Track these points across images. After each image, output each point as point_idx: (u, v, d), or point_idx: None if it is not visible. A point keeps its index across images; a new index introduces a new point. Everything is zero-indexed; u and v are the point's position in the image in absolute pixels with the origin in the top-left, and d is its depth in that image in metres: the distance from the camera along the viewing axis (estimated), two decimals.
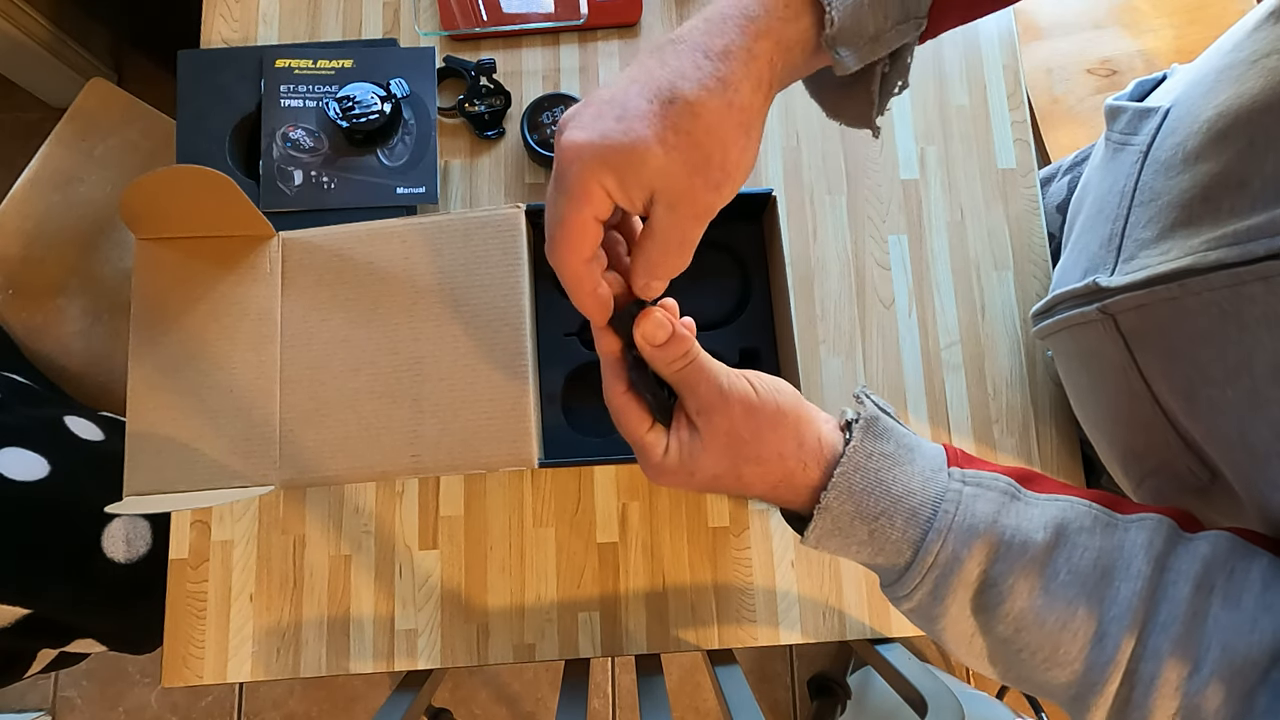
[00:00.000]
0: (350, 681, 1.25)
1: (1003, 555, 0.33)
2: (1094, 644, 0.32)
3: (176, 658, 0.58)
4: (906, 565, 0.35)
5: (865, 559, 0.37)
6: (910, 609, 0.36)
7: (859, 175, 0.66)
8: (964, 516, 0.34)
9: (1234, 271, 0.34)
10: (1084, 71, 1.00)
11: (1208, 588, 0.32)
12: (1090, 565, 0.33)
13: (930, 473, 0.35)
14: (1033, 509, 0.35)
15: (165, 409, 0.50)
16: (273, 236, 0.53)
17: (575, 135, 0.30)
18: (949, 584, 0.34)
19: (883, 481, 0.35)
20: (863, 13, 0.32)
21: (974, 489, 0.35)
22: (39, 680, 1.24)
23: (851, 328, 0.63)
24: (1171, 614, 0.31)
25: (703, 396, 0.35)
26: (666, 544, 0.59)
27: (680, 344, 0.35)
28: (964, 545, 0.34)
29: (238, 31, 0.68)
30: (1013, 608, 0.33)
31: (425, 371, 0.50)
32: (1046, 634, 0.33)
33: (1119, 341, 0.42)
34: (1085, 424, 0.53)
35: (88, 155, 0.94)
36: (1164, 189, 0.40)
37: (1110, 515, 0.35)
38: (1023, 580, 0.33)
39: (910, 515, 0.34)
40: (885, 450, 0.35)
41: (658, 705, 0.57)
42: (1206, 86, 0.40)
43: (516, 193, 0.65)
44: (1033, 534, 0.33)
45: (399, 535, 0.59)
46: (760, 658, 1.28)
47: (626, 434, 0.37)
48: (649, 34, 0.68)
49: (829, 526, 0.35)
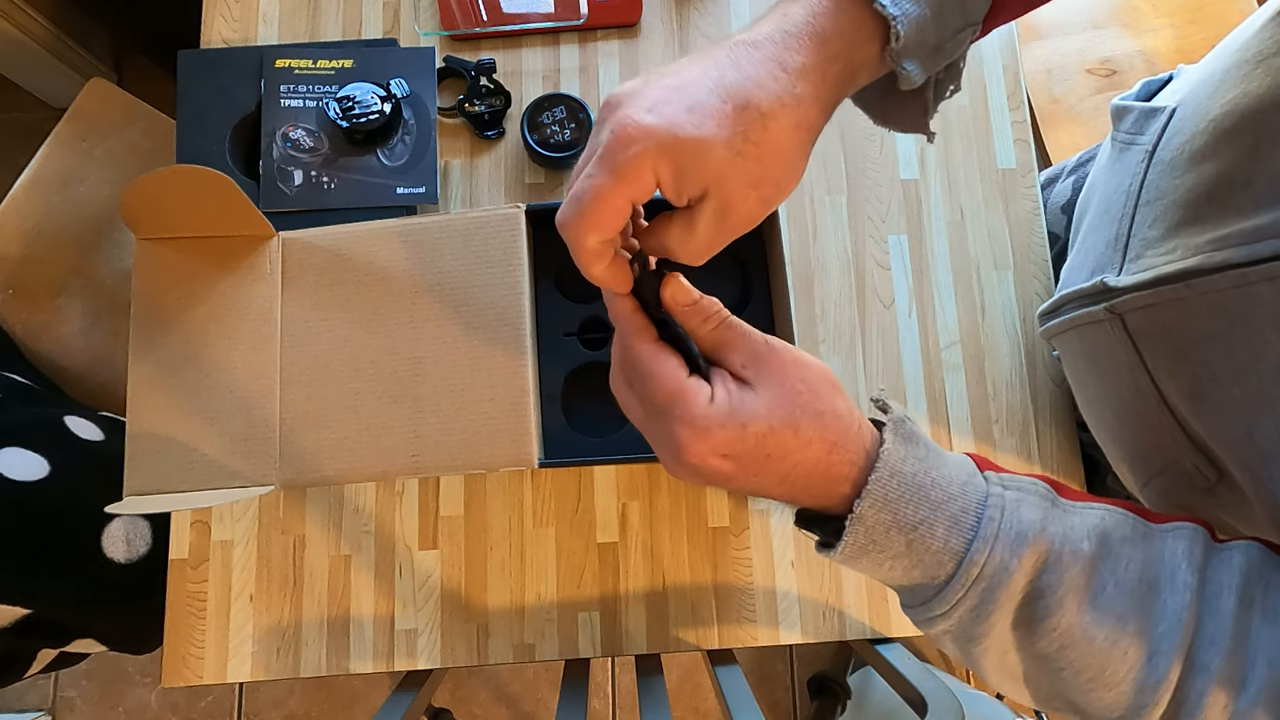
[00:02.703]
0: (350, 681, 1.25)
1: (1052, 565, 0.31)
2: (1146, 663, 0.30)
3: (176, 658, 0.58)
4: (948, 578, 0.32)
5: (900, 574, 0.33)
6: (947, 629, 0.33)
7: (859, 175, 0.66)
8: (1010, 523, 0.31)
9: (1241, 272, 0.33)
10: (1084, 71, 1.00)
11: (1248, 601, 0.30)
12: (1136, 577, 0.31)
13: (967, 476, 0.33)
14: (1073, 516, 0.33)
15: (165, 409, 0.50)
16: (273, 236, 0.53)
17: (642, 117, 0.29)
18: (995, 597, 0.31)
19: (921, 486, 0.31)
20: (926, 26, 0.32)
21: (1016, 493, 0.32)
22: (39, 680, 1.24)
23: (851, 328, 0.63)
24: (1219, 629, 0.30)
25: (747, 350, 0.32)
26: (666, 544, 0.59)
27: (712, 303, 0.33)
28: (1013, 554, 0.31)
29: (238, 31, 0.68)
30: (1060, 622, 0.31)
31: (425, 371, 0.50)
32: (1095, 651, 0.31)
33: (1126, 341, 0.42)
34: (1092, 424, 0.53)
35: (88, 155, 0.94)
36: (1169, 188, 0.40)
37: (1145, 524, 0.33)
38: (1071, 594, 0.31)
39: (952, 522, 0.31)
40: (918, 454, 0.32)
41: (658, 705, 0.57)
42: (1212, 86, 0.40)
43: (516, 193, 0.65)
44: (1079, 543, 0.31)
45: (399, 535, 0.59)
46: (760, 658, 1.28)
47: (659, 387, 0.32)
48: (649, 34, 0.68)
49: (862, 539, 0.32)
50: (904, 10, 0.31)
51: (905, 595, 0.35)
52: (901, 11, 0.31)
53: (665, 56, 0.68)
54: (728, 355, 0.33)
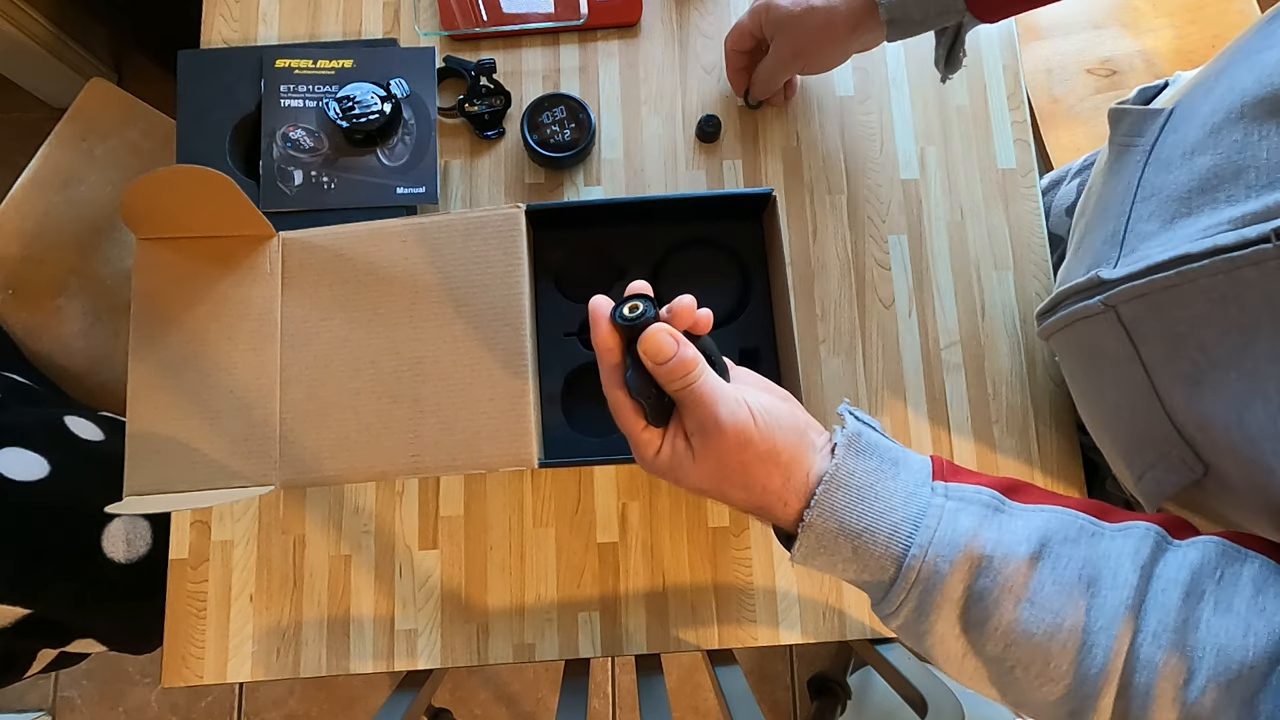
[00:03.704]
0: (350, 681, 1.25)
1: (985, 570, 0.33)
2: (1081, 654, 0.32)
3: (176, 658, 0.58)
4: (890, 581, 0.35)
5: (853, 576, 0.37)
6: (898, 626, 0.36)
7: (859, 175, 0.66)
8: (944, 531, 0.34)
9: (1229, 257, 0.34)
10: (1084, 71, 1.00)
11: (1198, 594, 0.31)
12: (1075, 575, 0.33)
13: (914, 488, 0.35)
14: (1015, 520, 0.35)
15: (165, 409, 0.50)
16: (273, 236, 0.53)
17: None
18: (932, 600, 0.34)
19: (865, 498, 0.35)
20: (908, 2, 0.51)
21: (956, 503, 0.35)
22: (39, 680, 1.24)
23: (851, 328, 0.63)
24: (1162, 623, 0.31)
25: (700, 420, 0.36)
26: (666, 544, 0.59)
27: (682, 366, 0.35)
28: (945, 560, 0.33)
29: (238, 31, 0.68)
30: (1000, 623, 0.33)
31: (425, 372, 0.50)
32: (1035, 646, 0.32)
33: (1121, 333, 0.43)
34: (1089, 422, 0.53)
35: (88, 155, 0.94)
36: (1164, 184, 0.41)
37: (1096, 524, 0.35)
38: (1007, 594, 0.33)
39: (892, 531, 0.34)
40: (868, 467, 0.35)
41: (658, 705, 0.57)
42: (1207, 87, 0.41)
43: (516, 193, 0.65)
44: (1015, 547, 0.33)
45: (399, 535, 0.59)
46: (760, 658, 1.28)
47: (621, 426, 0.39)
48: (649, 34, 0.68)
49: (813, 544, 0.35)
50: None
51: (869, 593, 0.38)
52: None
53: (665, 56, 0.68)
54: (684, 416, 0.37)
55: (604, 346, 0.37)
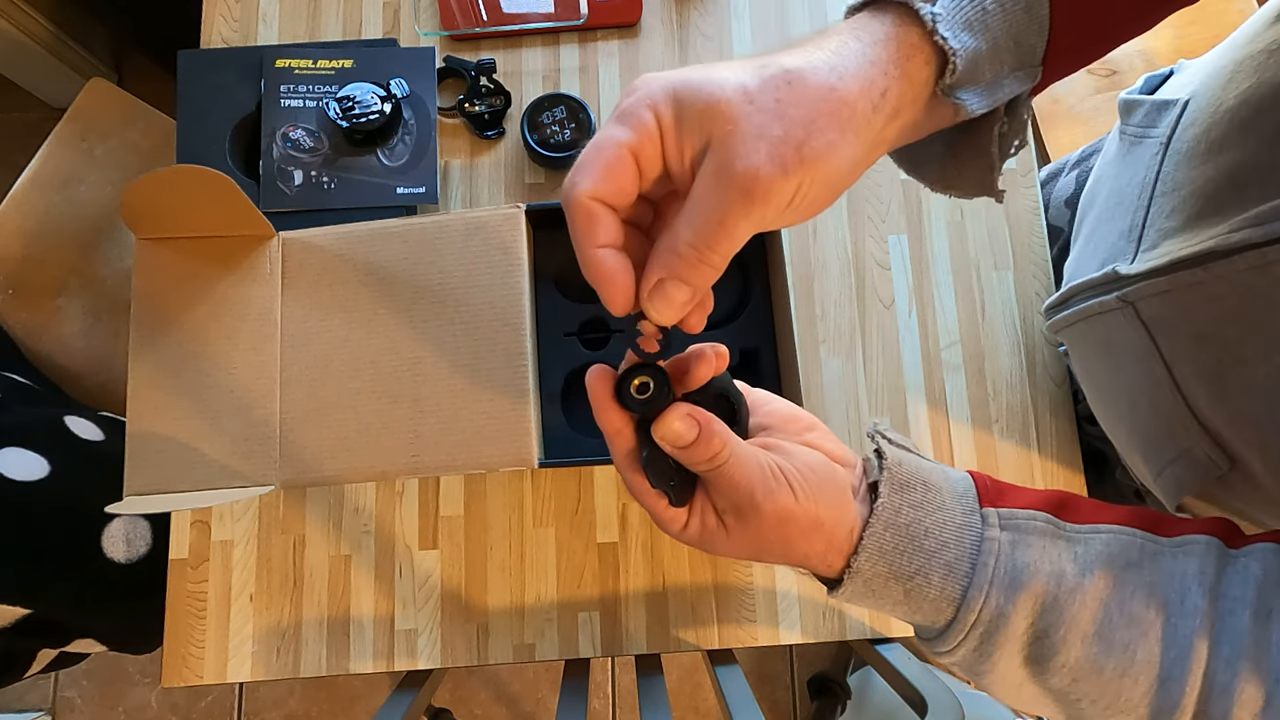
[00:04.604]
0: (350, 681, 1.25)
1: (1050, 606, 0.32)
2: (1158, 689, 0.31)
3: (176, 658, 0.58)
4: (948, 623, 0.33)
5: (903, 615, 0.35)
6: (953, 663, 0.35)
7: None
8: (1005, 568, 0.32)
9: (1260, 251, 0.33)
10: (1083, 71, 1.00)
11: (1265, 613, 0.31)
12: (1143, 605, 0.31)
13: (963, 517, 0.33)
14: (1076, 546, 0.33)
15: (165, 409, 0.50)
16: (273, 236, 0.53)
17: (650, 74, 0.27)
18: (995, 640, 0.32)
19: (914, 536, 0.32)
20: (980, 59, 0.29)
21: (1011, 534, 0.33)
22: (39, 680, 1.24)
23: (851, 328, 0.63)
24: (1235, 648, 0.30)
25: (733, 501, 0.32)
26: (666, 544, 0.59)
27: (708, 449, 0.30)
28: (1008, 600, 0.32)
29: (238, 31, 0.68)
30: (1067, 660, 0.32)
31: (425, 372, 0.50)
32: (1106, 682, 0.31)
33: (1140, 329, 0.42)
34: (1103, 417, 0.53)
35: (88, 155, 0.94)
36: (1187, 179, 0.40)
37: (1156, 541, 0.33)
38: (1074, 630, 0.31)
39: (947, 571, 0.32)
40: (914, 500, 0.33)
41: (658, 705, 0.57)
42: (1226, 77, 0.40)
43: (516, 193, 0.65)
44: (1080, 579, 0.32)
45: (399, 535, 0.59)
46: (760, 658, 1.28)
47: (640, 504, 0.34)
48: (649, 34, 0.68)
49: (860, 589, 0.33)
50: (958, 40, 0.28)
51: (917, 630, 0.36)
52: (958, 42, 0.28)
53: (665, 56, 0.68)
54: (715, 496, 0.33)
55: (611, 429, 0.32)
